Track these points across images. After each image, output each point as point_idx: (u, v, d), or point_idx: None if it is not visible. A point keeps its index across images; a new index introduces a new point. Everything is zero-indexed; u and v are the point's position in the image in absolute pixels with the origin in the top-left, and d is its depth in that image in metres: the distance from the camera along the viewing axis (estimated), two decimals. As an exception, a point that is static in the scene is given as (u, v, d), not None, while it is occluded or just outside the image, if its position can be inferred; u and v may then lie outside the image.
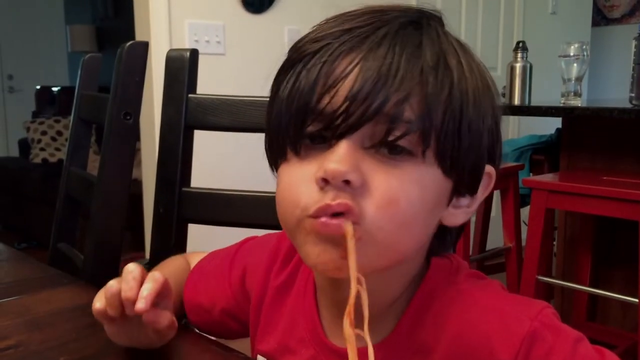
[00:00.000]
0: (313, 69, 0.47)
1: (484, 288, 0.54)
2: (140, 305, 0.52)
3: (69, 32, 5.53)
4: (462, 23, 3.50)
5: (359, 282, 0.46)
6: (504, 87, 2.47)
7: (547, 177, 2.11)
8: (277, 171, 0.53)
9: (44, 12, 6.08)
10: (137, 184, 2.69)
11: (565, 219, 2.31)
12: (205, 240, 0.77)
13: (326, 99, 0.46)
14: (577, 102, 2.28)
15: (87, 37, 5.46)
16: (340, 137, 0.46)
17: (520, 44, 2.41)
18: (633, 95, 1.93)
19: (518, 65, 2.38)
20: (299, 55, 0.49)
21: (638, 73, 1.91)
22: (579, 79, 2.30)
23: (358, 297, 0.47)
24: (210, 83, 1.33)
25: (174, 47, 2.35)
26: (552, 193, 1.88)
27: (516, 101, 2.38)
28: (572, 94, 2.31)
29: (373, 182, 0.46)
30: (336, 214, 0.46)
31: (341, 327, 0.47)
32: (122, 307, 0.54)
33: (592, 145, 2.21)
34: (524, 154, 2.56)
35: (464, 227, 0.57)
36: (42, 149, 4.49)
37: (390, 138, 0.46)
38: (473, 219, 2.56)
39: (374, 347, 0.49)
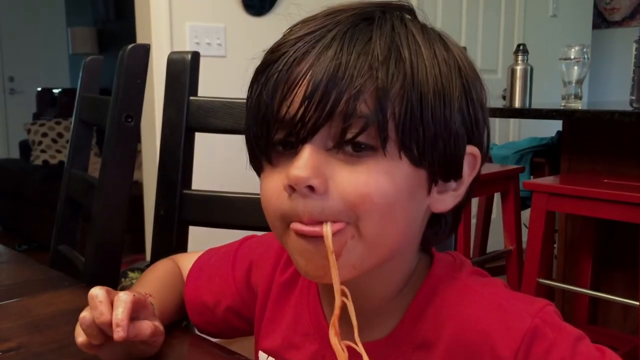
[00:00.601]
0: (271, 78, 0.49)
1: (487, 285, 0.54)
2: (119, 334, 0.53)
3: (70, 34, 5.53)
4: (463, 25, 3.50)
5: (343, 294, 0.47)
6: (505, 89, 2.47)
7: (548, 180, 2.11)
8: None
9: (45, 14, 6.08)
10: (138, 186, 2.69)
11: (565, 221, 2.30)
12: (205, 242, 0.77)
13: (284, 107, 0.48)
14: (578, 105, 2.28)
15: (88, 39, 5.46)
16: (303, 142, 0.48)
17: (521, 47, 2.41)
18: (633, 98, 1.93)
19: (519, 68, 2.38)
20: (262, 66, 0.51)
21: (638, 76, 1.91)
22: (579, 82, 2.30)
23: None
24: (211, 85, 1.33)
25: (175, 49, 2.35)
26: (552, 196, 1.88)
27: (517, 104, 2.38)
28: (573, 96, 2.31)
29: (341, 182, 0.47)
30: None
31: (345, 322, 0.48)
32: (103, 333, 0.55)
33: (592, 148, 2.21)
34: (525, 157, 2.56)
35: (460, 215, 0.57)
36: (42, 151, 4.49)
37: (349, 136, 0.47)
38: (473, 222, 2.57)
39: (379, 342, 0.52)
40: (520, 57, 2.39)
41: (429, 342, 0.53)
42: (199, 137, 1.00)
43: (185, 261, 0.77)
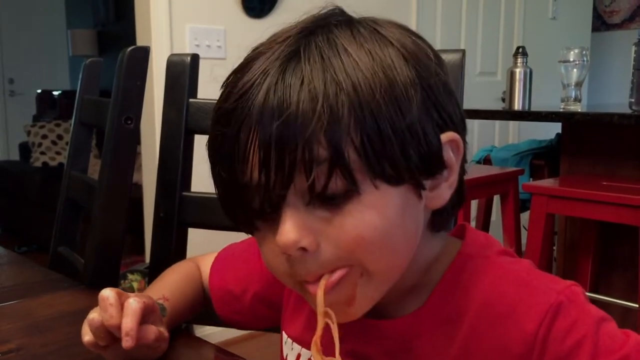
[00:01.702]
0: (222, 152, 0.47)
1: (514, 263, 0.54)
2: (128, 343, 0.54)
3: (70, 36, 5.53)
4: (462, 28, 3.50)
5: (327, 316, 0.47)
6: (504, 92, 2.48)
7: (547, 182, 2.11)
8: None
9: (45, 16, 6.09)
10: (138, 187, 2.69)
11: (565, 224, 2.31)
12: (205, 244, 0.77)
13: (245, 179, 0.46)
14: (577, 108, 2.29)
15: (88, 41, 5.46)
16: (278, 206, 0.46)
17: (520, 49, 2.42)
18: (633, 100, 1.94)
19: (518, 71, 2.38)
20: (211, 138, 0.49)
21: (638, 78, 1.92)
22: (578, 84, 2.30)
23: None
24: (211, 87, 1.33)
25: (175, 51, 2.35)
26: (552, 198, 1.89)
27: (516, 106, 2.38)
28: (572, 99, 2.31)
29: (331, 235, 0.46)
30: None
31: (342, 327, 0.49)
32: (110, 335, 0.56)
33: (592, 150, 2.21)
34: (524, 159, 2.56)
35: (463, 193, 0.54)
36: (42, 153, 4.50)
37: (318, 189, 0.44)
38: (473, 224, 2.57)
39: (406, 317, 0.53)
40: (519, 60, 2.39)
41: (455, 316, 0.52)
42: (199, 139, 1.00)
43: (206, 261, 0.77)
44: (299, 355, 0.62)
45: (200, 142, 1.02)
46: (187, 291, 0.73)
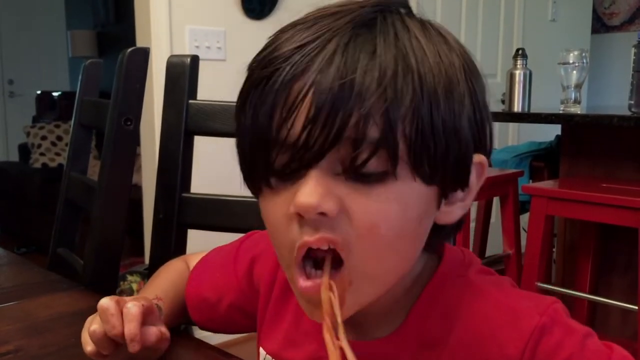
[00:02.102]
0: (267, 98, 0.44)
1: (494, 283, 0.53)
2: (135, 347, 0.55)
3: (70, 37, 5.54)
4: (462, 30, 3.51)
5: (331, 289, 0.45)
6: (504, 94, 2.48)
7: (547, 184, 2.11)
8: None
9: (45, 17, 6.09)
10: (137, 189, 2.69)
11: (565, 225, 2.31)
12: (205, 246, 0.77)
13: (285, 131, 0.44)
14: (577, 109, 2.29)
15: (88, 42, 5.47)
16: (307, 166, 0.44)
17: (520, 51, 2.42)
18: (632, 102, 1.94)
19: (518, 72, 2.38)
20: (252, 83, 0.46)
21: (637, 80, 1.92)
22: (578, 86, 2.31)
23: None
24: (211, 89, 1.33)
25: (175, 52, 2.35)
26: (551, 200, 1.89)
27: (516, 108, 2.38)
28: (572, 101, 2.31)
29: (351, 209, 0.44)
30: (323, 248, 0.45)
31: (346, 322, 0.47)
32: (112, 343, 0.57)
33: (591, 152, 2.21)
34: (524, 161, 2.56)
35: (464, 219, 0.53)
36: (42, 154, 4.49)
37: (358, 162, 0.43)
38: (472, 226, 2.57)
39: (383, 340, 0.52)
40: (519, 62, 2.39)
41: (435, 340, 0.51)
42: (198, 140, 1.00)
43: (194, 261, 0.77)
44: None
45: (200, 144, 1.03)
46: (180, 290, 0.73)
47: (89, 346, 0.58)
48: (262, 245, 0.68)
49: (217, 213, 0.96)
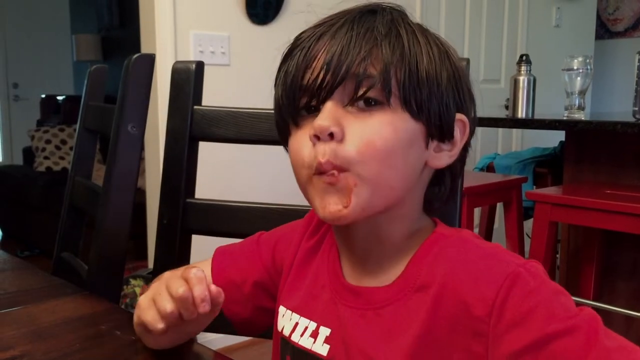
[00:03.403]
0: (297, 56, 0.60)
1: (485, 241, 0.61)
2: (204, 308, 0.57)
3: (75, 41, 5.56)
4: (466, 35, 3.51)
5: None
6: (508, 99, 2.48)
7: (551, 190, 2.11)
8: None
9: (50, 22, 6.12)
10: (141, 193, 2.70)
11: (568, 232, 2.30)
12: (208, 251, 0.77)
13: (308, 75, 0.58)
14: (581, 116, 2.29)
15: (92, 46, 5.48)
16: (323, 101, 0.58)
17: (524, 57, 2.42)
18: (636, 109, 1.93)
19: (522, 79, 2.38)
20: (289, 47, 0.62)
21: (641, 87, 1.92)
22: (582, 93, 2.30)
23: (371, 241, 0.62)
24: (215, 94, 1.34)
25: (179, 57, 2.36)
26: (555, 206, 1.88)
27: (520, 114, 2.38)
28: (576, 107, 2.31)
29: (353, 131, 0.57)
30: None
31: (356, 272, 0.64)
32: (194, 308, 0.58)
33: (595, 158, 2.21)
34: (528, 167, 2.56)
35: (457, 180, 0.67)
36: (46, 158, 4.50)
37: (360, 92, 0.57)
38: (476, 231, 2.56)
39: (384, 288, 0.61)
40: (523, 68, 2.39)
41: (425, 284, 0.59)
42: (203, 146, 1.00)
43: (205, 265, 0.78)
44: (296, 324, 0.67)
45: (204, 149, 1.03)
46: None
47: (168, 305, 0.58)
48: (286, 230, 0.76)
49: (221, 219, 0.97)
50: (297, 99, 0.60)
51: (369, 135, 0.57)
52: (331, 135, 0.56)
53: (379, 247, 0.63)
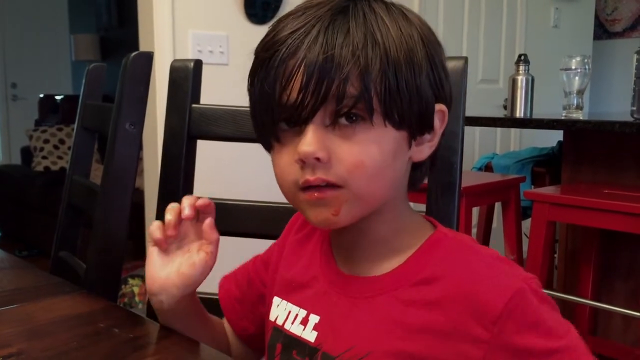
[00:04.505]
0: (270, 72, 0.58)
1: (486, 248, 0.63)
2: (185, 213, 0.67)
3: (73, 41, 5.55)
4: (465, 35, 3.51)
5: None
6: (506, 99, 2.48)
7: (549, 190, 2.11)
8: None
9: (49, 21, 6.11)
10: (139, 192, 2.70)
11: (566, 231, 2.30)
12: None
13: (285, 96, 0.57)
14: (579, 115, 2.29)
15: (91, 46, 5.48)
16: (304, 122, 0.57)
17: (522, 57, 2.42)
18: (634, 109, 1.94)
19: (520, 78, 2.38)
20: (259, 62, 0.60)
21: (639, 87, 1.92)
22: (580, 92, 2.31)
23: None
24: (213, 93, 1.34)
25: (178, 57, 2.36)
26: (553, 205, 1.89)
27: (518, 114, 2.38)
28: (574, 107, 2.31)
29: (340, 153, 0.57)
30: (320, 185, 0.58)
31: (349, 262, 0.65)
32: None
33: (593, 158, 2.21)
34: (526, 166, 2.56)
35: (435, 159, 0.67)
36: (44, 157, 4.50)
37: (342, 113, 0.56)
38: (474, 231, 2.57)
39: (379, 277, 0.62)
40: (521, 67, 2.40)
41: (430, 278, 0.60)
42: (201, 144, 1.00)
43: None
44: (288, 313, 0.69)
45: (203, 148, 1.03)
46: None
47: (157, 231, 0.69)
48: (272, 246, 0.79)
49: (219, 217, 0.96)
50: (275, 117, 0.59)
51: (357, 156, 0.57)
52: (317, 159, 0.56)
53: (367, 239, 0.64)
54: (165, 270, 0.69)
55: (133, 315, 0.77)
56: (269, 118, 0.59)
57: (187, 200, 0.69)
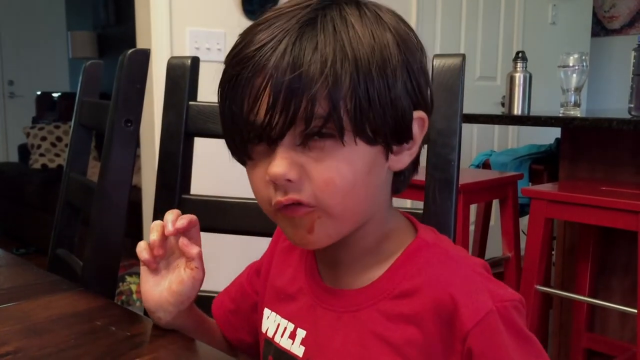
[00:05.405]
0: (238, 90, 0.55)
1: (466, 258, 0.61)
2: (167, 231, 0.67)
3: (70, 38, 5.54)
4: (462, 33, 3.51)
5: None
6: (504, 96, 2.48)
7: (547, 187, 2.11)
8: None
9: (46, 18, 6.10)
10: (136, 190, 2.69)
11: (564, 228, 2.31)
12: (204, 247, 0.77)
13: (252, 116, 0.55)
14: (577, 113, 2.29)
15: (88, 43, 5.47)
16: (274, 143, 0.55)
17: (520, 54, 2.42)
18: (632, 106, 1.94)
19: (518, 75, 2.38)
20: (226, 79, 0.57)
21: (637, 84, 1.92)
22: (578, 90, 2.31)
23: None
24: (210, 90, 1.33)
25: (175, 54, 2.35)
26: (551, 203, 1.89)
27: (516, 111, 2.38)
28: (572, 104, 2.31)
29: (311, 172, 0.55)
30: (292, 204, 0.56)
31: (333, 274, 0.64)
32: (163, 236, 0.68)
33: (591, 155, 2.21)
34: (523, 164, 2.56)
35: (418, 160, 0.64)
36: (41, 155, 4.50)
37: (311, 134, 0.54)
38: (472, 229, 2.57)
39: (361, 289, 0.61)
40: (519, 65, 2.39)
41: (406, 293, 0.59)
42: (198, 142, 1.00)
43: None
44: (278, 325, 0.68)
45: (200, 145, 1.03)
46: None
47: (144, 252, 0.70)
48: (263, 256, 0.78)
49: (217, 215, 0.96)
50: (244, 136, 0.57)
51: (327, 175, 0.55)
52: (288, 180, 0.55)
53: (350, 252, 0.63)
54: (157, 288, 0.70)
55: (130, 313, 0.77)
56: (238, 137, 0.58)
57: (169, 216, 0.69)
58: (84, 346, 0.67)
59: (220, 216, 0.96)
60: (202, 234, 0.96)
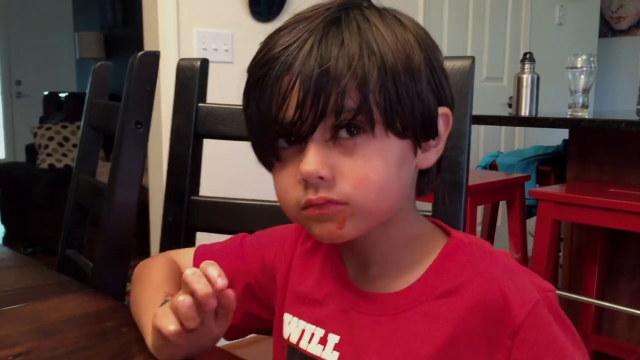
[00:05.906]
0: (266, 91, 0.56)
1: (505, 255, 0.62)
2: (223, 281, 0.56)
3: (78, 38, 5.56)
4: (469, 34, 3.50)
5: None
6: (511, 97, 2.47)
7: (554, 189, 2.11)
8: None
9: (53, 19, 6.12)
10: (144, 191, 2.70)
11: (571, 230, 2.30)
12: (213, 248, 0.78)
13: (281, 114, 0.55)
14: (584, 114, 2.28)
15: (95, 44, 5.48)
16: (304, 139, 0.55)
17: (527, 55, 2.41)
18: (640, 107, 1.93)
19: (525, 77, 2.38)
20: (253, 80, 0.57)
21: (645, 85, 1.91)
22: (586, 91, 2.30)
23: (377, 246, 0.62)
24: (218, 90, 1.34)
25: (182, 55, 2.36)
26: (558, 204, 1.88)
27: (523, 112, 2.38)
28: (579, 105, 2.31)
29: (343, 170, 0.55)
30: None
31: (364, 278, 0.63)
32: (199, 315, 0.57)
33: (599, 157, 2.21)
34: (531, 165, 2.55)
35: (441, 163, 0.65)
36: (48, 155, 4.51)
37: (342, 127, 0.54)
38: (479, 230, 2.56)
39: (402, 292, 0.60)
40: (526, 66, 2.39)
41: (450, 291, 0.59)
42: (207, 143, 1.00)
43: (183, 258, 0.77)
44: (303, 331, 0.66)
45: (209, 147, 1.03)
46: (179, 284, 0.69)
47: (171, 325, 0.57)
48: (268, 239, 0.75)
49: (225, 216, 0.97)
50: (273, 135, 0.57)
51: (361, 171, 0.55)
52: (320, 178, 0.54)
53: (380, 254, 0.63)
54: (181, 350, 0.62)
55: (140, 314, 0.77)
56: (267, 137, 0.57)
57: (214, 270, 0.57)
58: (95, 347, 0.67)
59: (228, 218, 0.97)
60: (210, 235, 0.97)
